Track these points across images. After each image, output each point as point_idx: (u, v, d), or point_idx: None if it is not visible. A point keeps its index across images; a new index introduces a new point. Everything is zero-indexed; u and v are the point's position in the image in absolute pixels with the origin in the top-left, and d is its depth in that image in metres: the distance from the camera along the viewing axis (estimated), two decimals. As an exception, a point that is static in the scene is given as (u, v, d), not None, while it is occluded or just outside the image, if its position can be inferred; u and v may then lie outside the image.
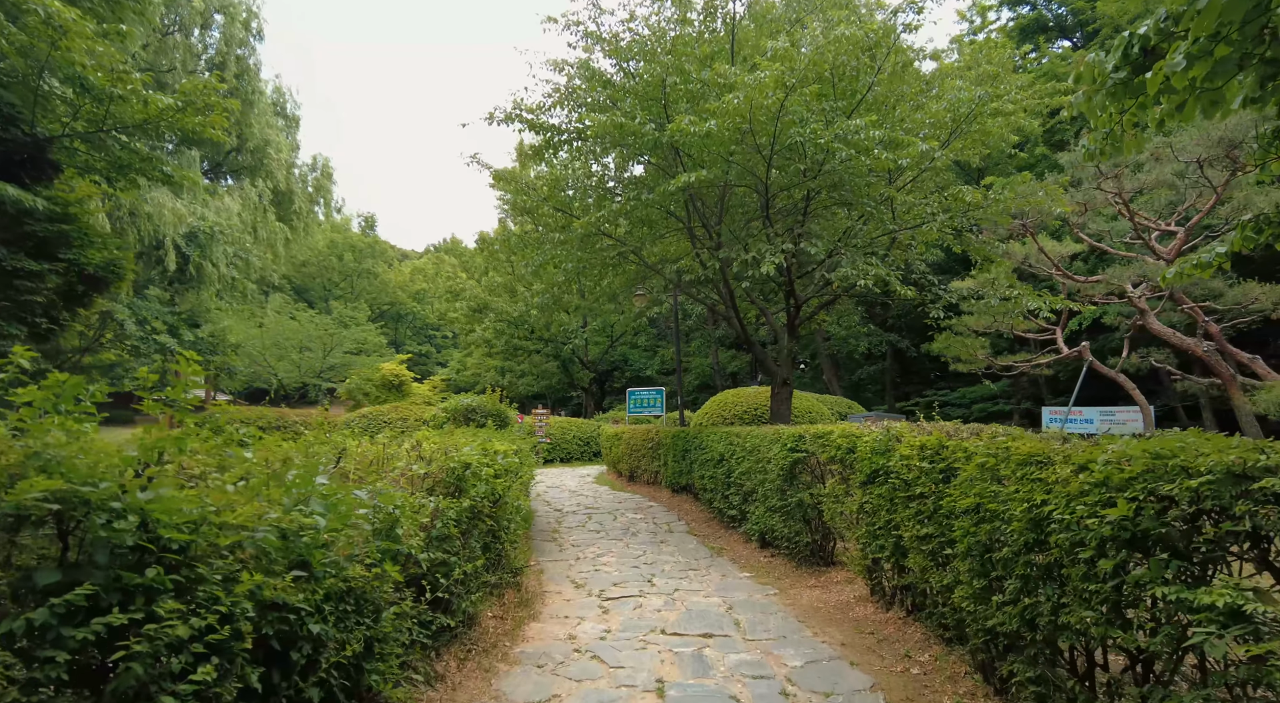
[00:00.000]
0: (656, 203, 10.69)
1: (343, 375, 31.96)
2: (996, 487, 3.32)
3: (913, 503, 4.36)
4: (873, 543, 5.32)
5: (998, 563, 3.29)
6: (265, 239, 18.71)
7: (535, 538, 9.99)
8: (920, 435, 4.40)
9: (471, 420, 15.43)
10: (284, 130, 21.40)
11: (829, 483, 6.42)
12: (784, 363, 12.77)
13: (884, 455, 4.86)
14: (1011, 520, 3.10)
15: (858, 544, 5.82)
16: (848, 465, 5.92)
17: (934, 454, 4.11)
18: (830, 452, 6.21)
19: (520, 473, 7.46)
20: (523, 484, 7.15)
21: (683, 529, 10.68)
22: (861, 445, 5.35)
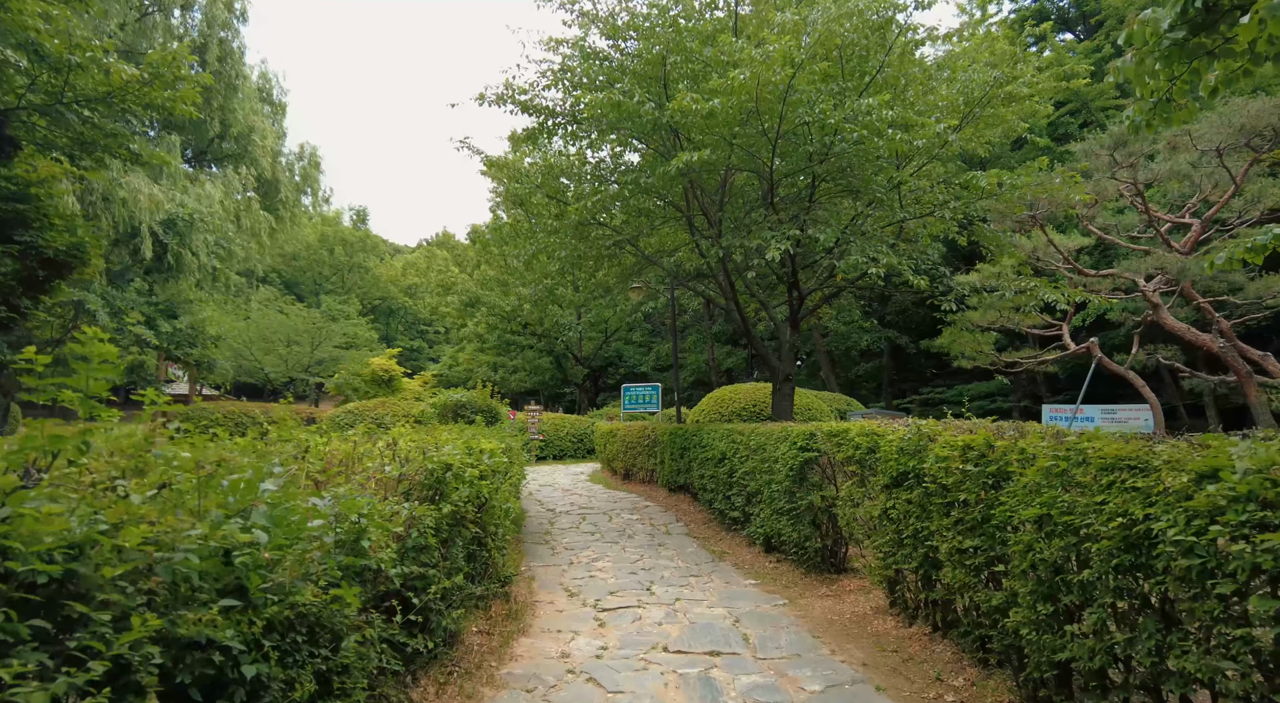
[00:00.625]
0: (655, 187, 10.17)
1: (331, 370, 31.35)
2: (1069, 496, 2.82)
3: (952, 511, 3.87)
4: (897, 553, 4.83)
5: (1073, 587, 2.80)
6: (249, 228, 18.06)
7: (526, 541, 9.47)
8: (961, 434, 3.91)
9: (461, 416, 14.89)
10: (270, 117, 20.74)
11: (844, 486, 5.93)
12: (786, 358, 12.28)
13: (915, 457, 4.37)
14: (1097, 538, 2.61)
15: (877, 553, 5.33)
16: (867, 467, 5.43)
17: (980, 456, 3.62)
18: (847, 451, 5.71)
19: (509, 473, 6.94)
20: (512, 485, 6.63)
21: (681, 531, 10.18)
22: (885, 445, 4.86)
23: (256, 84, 20.55)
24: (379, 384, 30.92)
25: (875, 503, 5.20)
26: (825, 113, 8.57)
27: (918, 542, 4.44)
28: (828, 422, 11.14)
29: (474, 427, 8.71)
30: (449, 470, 4.22)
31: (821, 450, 6.61)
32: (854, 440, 5.54)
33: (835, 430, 6.09)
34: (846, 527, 5.84)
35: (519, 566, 7.84)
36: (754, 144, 9.66)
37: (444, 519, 4.22)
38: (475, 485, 4.66)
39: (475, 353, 39.47)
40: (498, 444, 5.81)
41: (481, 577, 5.50)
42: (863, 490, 5.56)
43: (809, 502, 6.71)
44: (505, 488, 6.07)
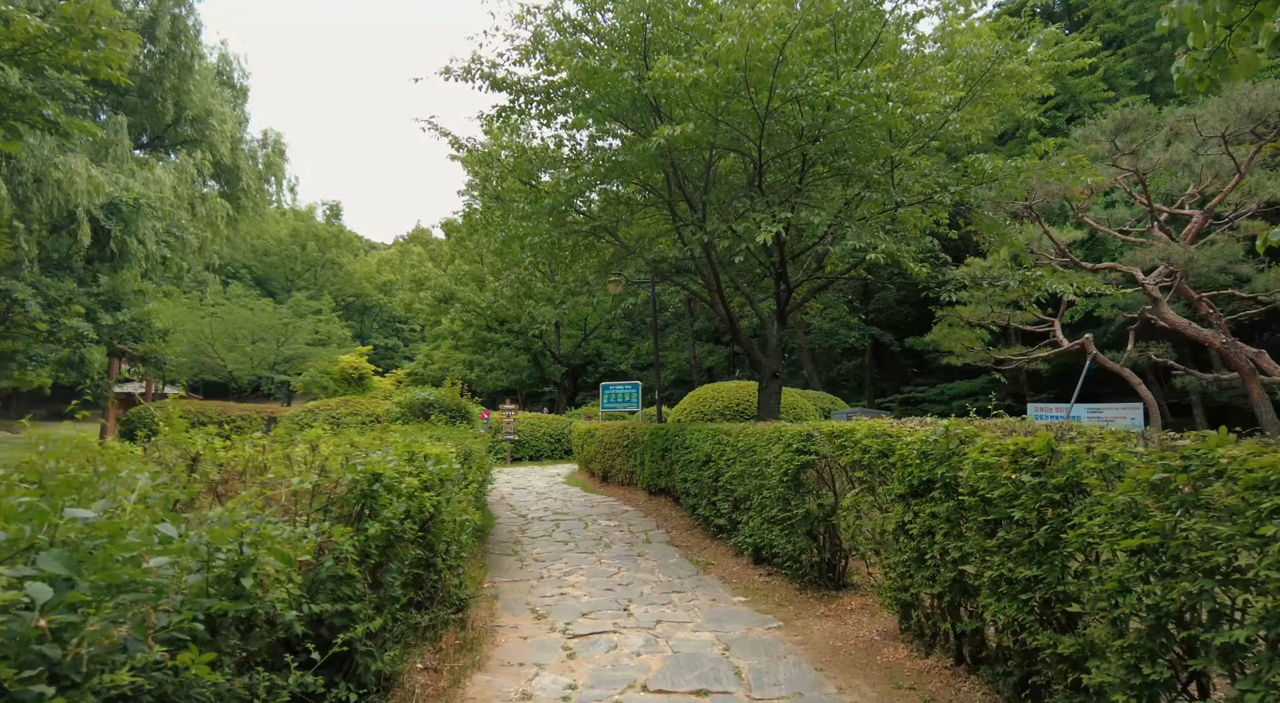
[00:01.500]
0: (633, 167, 9.41)
1: (301, 368, 30.24)
2: (1198, 522, 2.10)
3: (999, 530, 3.16)
4: (916, 574, 4.12)
5: (1209, 650, 2.07)
6: (205, 217, 16.98)
7: (492, 551, 8.67)
8: (1013, 436, 3.19)
9: (429, 416, 14.03)
10: (231, 102, 19.66)
11: (849, 494, 5.21)
12: (773, 354, 11.60)
13: (943, 463, 3.66)
14: (1258, 585, 1.89)
15: (889, 572, 4.62)
16: (877, 473, 4.72)
17: (1040, 464, 2.91)
18: (853, 455, 5.00)
19: (468, 479, 6.14)
20: (471, 494, 5.84)
21: (662, 539, 9.44)
22: (902, 449, 4.15)
23: (215, 66, 19.46)
24: (349, 383, 29.86)
25: (888, 515, 4.49)
26: (819, 85, 7.87)
27: (944, 563, 3.74)
28: (812, 420, 10.46)
29: (434, 426, 7.91)
30: (378, 481, 3.43)
31: (820, 453, 5.89)
32: (862, 442, 4.83)
33: (838, 431, 5.38)
34: (850, 540, 5.12)
35: (481, 582, 7.05)
36: (741, 122, 8.94)
37: (373, 541, 3.44)
38: (417, 498, 3.88)
39: (450, 351, 38.45)
40: (446, 448, 5.02)
41: (430, 603, 4.71)
42: (871, 499, 4.84)
43: (805, 510, 5.99)
44: (461, 498, 5.27)
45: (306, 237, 62.74)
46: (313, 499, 3.25)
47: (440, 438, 6.53)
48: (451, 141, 12.58)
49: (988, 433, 3.41)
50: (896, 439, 4.37)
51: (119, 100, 16.72)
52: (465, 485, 6.14)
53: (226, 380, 28.49)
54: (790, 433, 6.22)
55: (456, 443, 6.24)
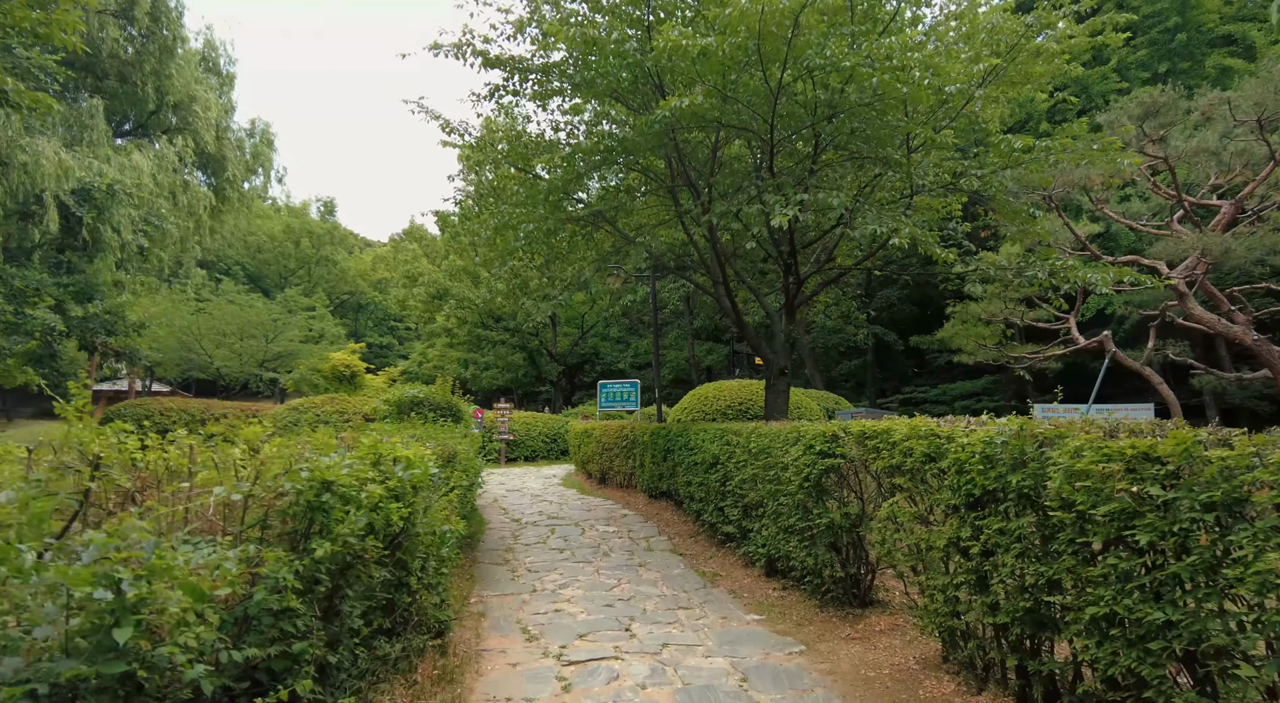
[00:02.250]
0: (635, 146, 8.77)
1: (291, 366, 29.55)
2: None
3: (1108, 555, 2.52)
4: (974, 600, 3.49)
5: None
6: (186, 206, 16.28)
7: (482, 560, 8.03)
8: (1123, 437, 2.56)
9: (418, 414, 13.38)
10: (216, 89, 18.95)
11: (884, 504, 4.58)
12: (781, 350, 10.97)
13: (1018, 469, 3.03)
14: None
15: (933, 594, 3.99)
16: (921, 480, 4.08)
17: (1174, 473, 2.27)
18: (890, 458, 4.36)
19: (451, 484, 5.50)
20: (451, 501, 5.19)
21: (665, 546, 8.80)
22: (958, 452, 3.51)
23: (200, 52, 18.73)
24: (340, 381, 29.16)
25: (936, 530, 3.85)
26: (838, 56, 7.23)
27: (1014, 589, 3.10)
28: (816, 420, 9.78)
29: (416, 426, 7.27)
30: (328, 490, 2.79)
31: (847, 456, 5.25)
32: (902, 444, 4.19)
33: (870, 431, 4.73)
34: (888, 555, 4.48)
35: (467, 597, 6.40)
36: (752, 99, 8.30)
37: (324, 564, 2.79)
38: (382, 510, 3.24)
39: (445, 349, 37.79)
40: (426, 449, 4.38)
41: (402, 628, 4.06)
42: (912, 510, 4.20)
43: (829, 520, 5.36)
44: (441, 507, 4.63)
45: (300, 233, 61.97)
46: (245, 513, 2.61)
47: (421, 438, 5.88)
48: (443, 125, 11.91)
49: (1081, 434, 2.79)
50: (948, 441, 3.74)
51: (98, 85, 16.01)
52: (448, 491, 5.50)
53: (215, 378, 27.78)
54: (811, 433, 5.58)
55: (439, 443, 5.59)
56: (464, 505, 5.77)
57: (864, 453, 4.97)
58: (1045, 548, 2.90)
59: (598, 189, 12.10)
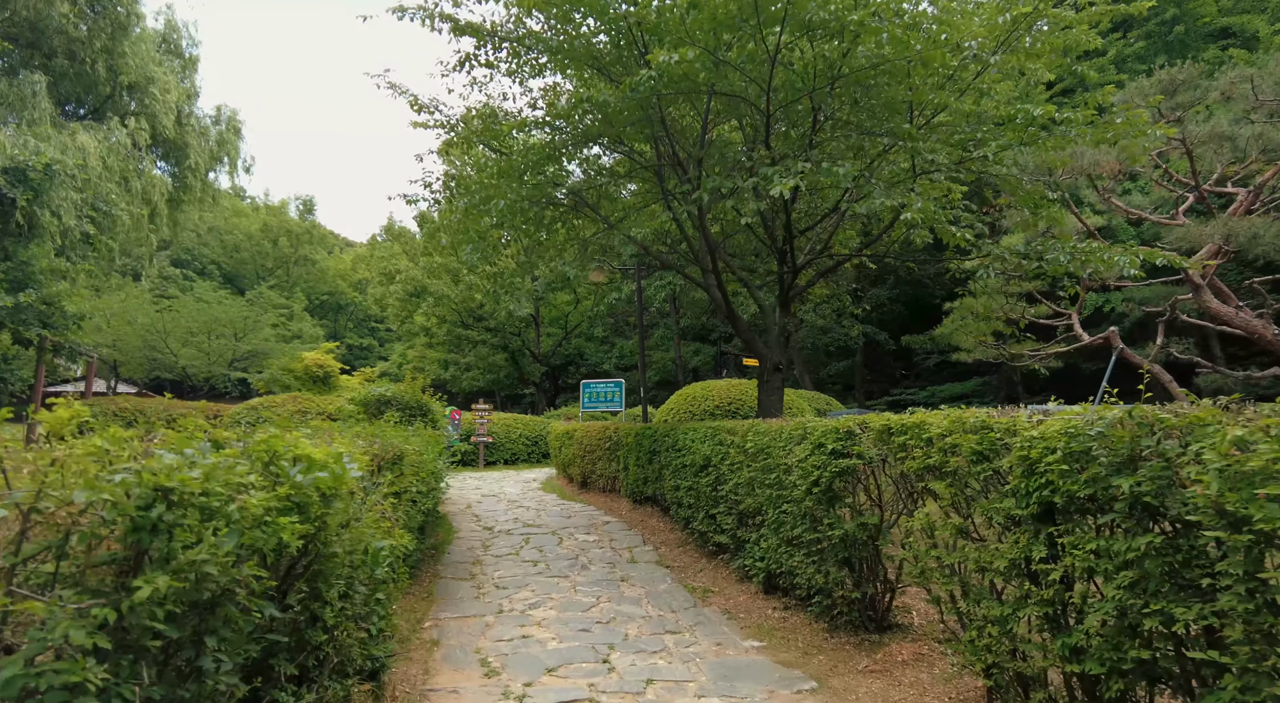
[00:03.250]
0: (619, 115, 7.96)
1: (263, 366, 28.45)
2: None
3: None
4: (1051, 642, 2.70)
5: None
6: (141, 193, 15.23)
7: (445, 574, 7.16)
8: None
9: (386, 413, 12.47)
10: (178, 72, 17.93)
11: (918, 513, 3.78)
12: (775, 344, 10.21)
13: (1127, 469, 2.23)
14: None
15: (981, 626, 3.19)
16: (965, 483, 3.29)
17: None
18: (926, 457, 3.56)
19: (394, 489, 4.63)
20: (394, 510, 4.32)
21: (650, 558, 7.97)
22: (1023, 446, 2.71)
23: (160, 32, 17.66)
24: (314, 381, 28.13)
25: (994, 548, 3.05)
26: (842, 8, 6.48)
27: (1126, 633, 2.31)
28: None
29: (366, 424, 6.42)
30: (164, 502, 1.94)
31: (864, 456, 4.45)
32: (942, 441, 3.39)
33: (898, 425, 3.93)
34: (919, 575, 3.68)
35: (420, 621, 5.54)
36: (746, 63, 7.51)
37: (159, 607, 1.94)
38: (270, 527, 2.38)
39: (424, 349, 36.77)
40: (356, 447, 3.54)
41: (317, 674, 3.20)
42: (955, 521, 3.40)
43: (842, 532, 4.56)
44: (374, 518, 3.78)
45: (278, 231, 60.66)
46: (22, 535, 1.76)
47: (365, 435, 5.01)
48: (411, 102, 11.04)
49: (1229, 421, 2.01)
50: (1008, 435, 2.94)
51: (46, 63, 14.92)
52: (394, 498, 4.64)
53: (181, 378, 26.61)
54: (821, 430, 4.78)
55: (384, 443, 4.73)
56: (413, 516, 4.92)
57: (888, 452, 4.17)
58: (1180, 579, 2.11)
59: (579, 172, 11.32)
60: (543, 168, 9.87)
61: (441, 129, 11.23)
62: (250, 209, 67.01)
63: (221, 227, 60.45)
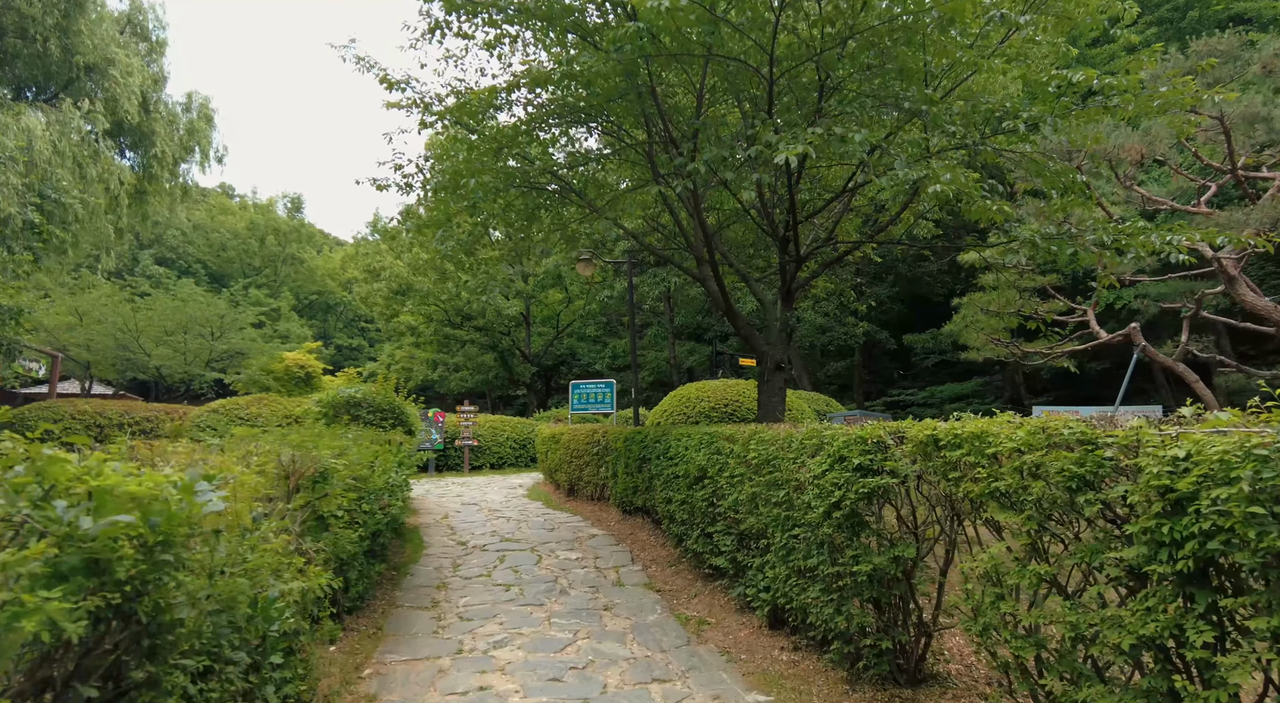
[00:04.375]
0: (607, 82, 7.08)
1: (243, 366, 27.46)
2: None
3: None
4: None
5: None
6: (98, 180, 14.25)
7: (403, 602, 6.25)
8: None
9: (357, 416, 11.57)
10: (144, 55, 16.98)
11: (993, 547, 2.90)
12: (776, 341, 9.37)
13: None
14: None
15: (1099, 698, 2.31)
16: (1046, 516, 2.43)
17: None
18: (996, 478, 2.68)
19: (314, 516, 3.73)
20: (278, 553, 3.40)
21: (638, 579, 7.09)
22: (1167, 473, 1.85)
23: (125, 14, 16.70)
24: (295, 382, 27.18)
25: (1113, 616, 2.18)
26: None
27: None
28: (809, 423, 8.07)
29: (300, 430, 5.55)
30: None
31: (898, 473, 3.57)
32: (1024, 459, 2.51)
33: (950, 436, 3.04)
34: (982, 633, 2.81)
35: (360, 667, 4.63)
36: (746, 23, 6.64)
37: None
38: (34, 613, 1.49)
39: (412, 349, 35.81)
40: (231, 462, 2.66)
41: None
42: (1039, 568, 2.53)
43: (871, 567, 3.68)
44: (271, 561, 2.90)
45: (265, 230, 59.56)
46: None
47: (291, 443, 4.11)
48: (380, 78, 10.12)
49: None
50: (1130, 452, 2.08)
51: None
52: (314, 524, 3.75)
53: (155, 379, 25.59)
54: (842, 440, 3.90)
55: (302, 455, 3.83)
56: (344, 545, 4.03)
57: (931, 469, 3.29)
58: None
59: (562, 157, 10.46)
60: (523, 148, 9.01)
61: (415, 108, 10.34)
62: (237, 207, 65.86)
63: (207, 224, 59.33)
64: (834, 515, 3.85)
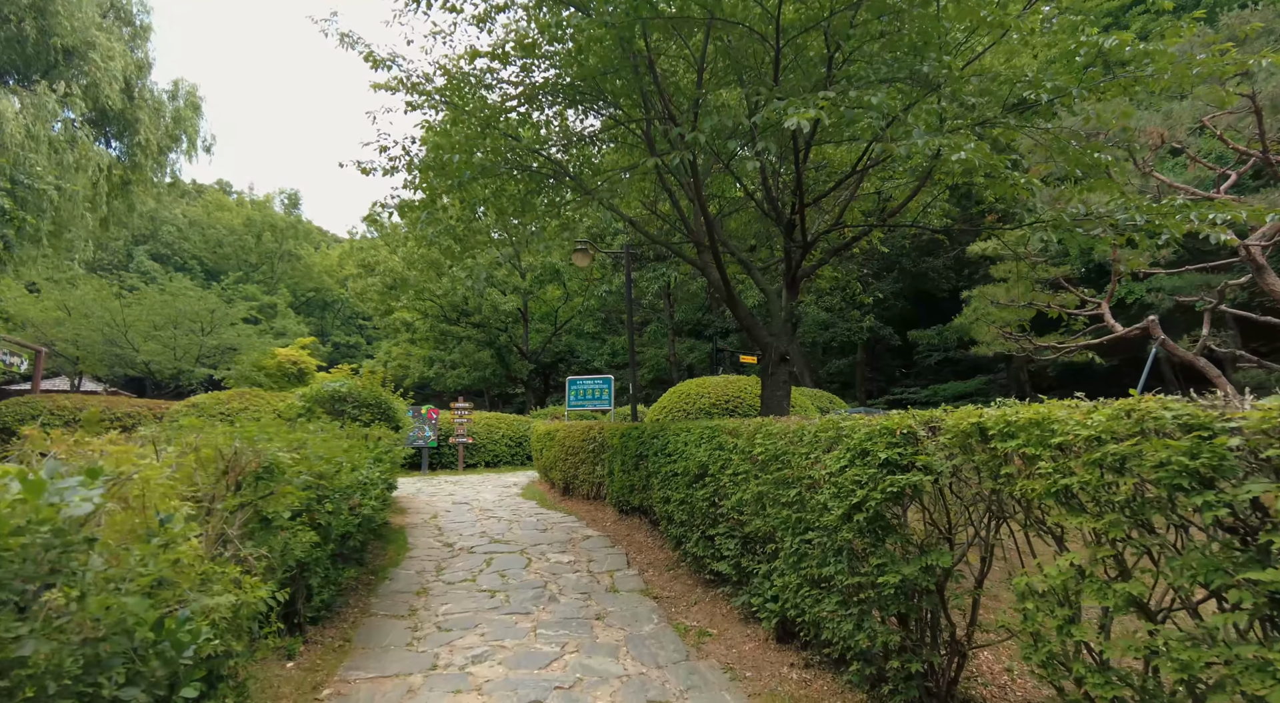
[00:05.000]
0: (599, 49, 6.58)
1: (234, 362, 26.96)
2: None
3: None
4: None
5: None
6: (76, 166, 13.70)
7: (378, 610, 5.75)
8: None
9: (341, 412, 11.08)
10: (127, 40, 16.48)
11: (1063, 559, 2.39)
12: (781, 332, 8.87)
13: None
14: None
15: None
16: (1134, 522, 1.93)
17: None
18: (1064, 473, 2.19)
19: (203, 523, 3.23)
20: (201, 561, 2.91)
21: (633, 585, 6.58)
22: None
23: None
24: (288, 378, 26.75)
25: (1263, 658, 1.69)
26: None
27: None
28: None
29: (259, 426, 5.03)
30: None
31: (933, 470, 3.06)
32: (1105, 450, 2.01)
33: (1001, 424, 2.53)
34: (1046, 662, 2.32)
35: (321, 684, 4.13)
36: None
37: None
38: None
39: (408, 346, 35.32)
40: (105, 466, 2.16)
41: None
42: (1125, 588, 2.03)
43: (900, 578, 3.17)
44: (191, 572, 2.41)
45: (262, 226, 59.02)
46: None
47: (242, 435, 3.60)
48: (366, 55, 9.60)
49: None
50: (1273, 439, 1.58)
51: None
52: (258, 527, 3.26)
53: (145, 375, 25.08)
54: (863, 433, 3.40)
55: (242, 448, 3.32)
56: (297, 549, 3.53)
57: (974, 464, 2.79)
58: None
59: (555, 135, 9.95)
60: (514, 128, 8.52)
61: (402, 88, 9.83)
62: (234, 203, 65.36)
63: (204, 221, 58.81)
64: (855, 518, 3.35)
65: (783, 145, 8.88)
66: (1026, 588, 2.40)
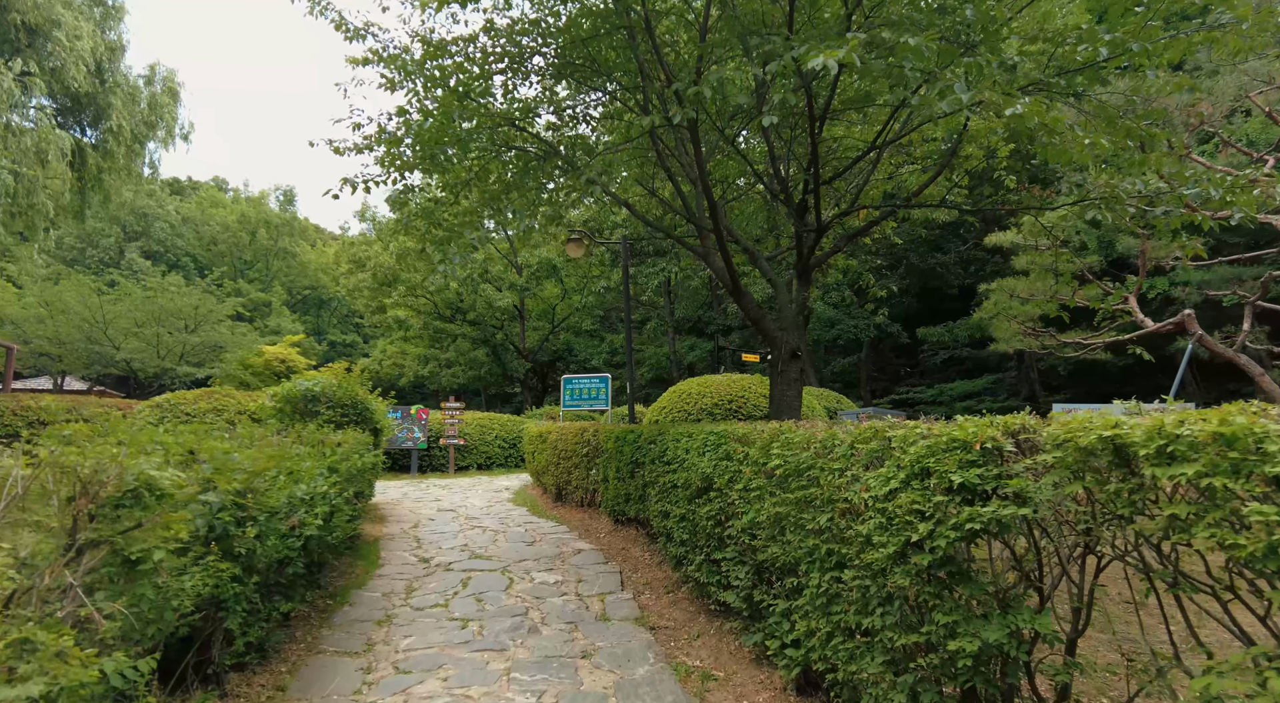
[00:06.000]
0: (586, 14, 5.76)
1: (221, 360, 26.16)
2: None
3: None
4: None
5: None
6: (34, 151, 12.90)
7: (327, 645, 4.92)
8: None
9: (315, 413, 10.27)
10: (99, 21, 15.68)
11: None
12: (792, 325, 8.06)
13: None
14: None
15: None
16: None
17: None
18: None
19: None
20: None
21: (627, 612, 5.75)
22: None
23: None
24: (276, 377, 25.95)
25: None
26: None
27: None
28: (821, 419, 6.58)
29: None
30: None
31: (1032, 501, 2.23)
32: None
33: (1149, 439, 1.71)
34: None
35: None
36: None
37: None
38: None
39: (402, 344, 34.50)
40: None
41: None
42: None
43: (979, 644, 2.34)
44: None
45: (257, 223, 58.18)
46: None
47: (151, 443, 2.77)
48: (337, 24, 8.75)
49: None
50: None
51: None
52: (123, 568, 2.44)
53: (127, 373, 24.27)
54: (923, 444, 2.56)
55: (102, 463, 2.51)
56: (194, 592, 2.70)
57: (1113, 497, 1.96)
58: None
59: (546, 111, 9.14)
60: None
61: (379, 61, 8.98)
62: (229, 200, 64.52)
63: (197, 218, 57.98)
64: (913, 560, 2.52)
65: (794, 119, 8.04)
66: (1224, 666, 1.57)
